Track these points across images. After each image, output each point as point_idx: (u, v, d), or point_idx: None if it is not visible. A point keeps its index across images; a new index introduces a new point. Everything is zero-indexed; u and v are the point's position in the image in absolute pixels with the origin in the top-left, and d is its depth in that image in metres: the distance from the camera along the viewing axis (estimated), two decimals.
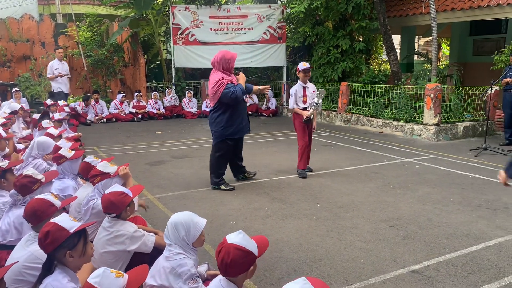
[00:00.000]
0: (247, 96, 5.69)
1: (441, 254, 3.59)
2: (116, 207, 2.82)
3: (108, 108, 12.38)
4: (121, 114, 12.24)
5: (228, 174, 5.78)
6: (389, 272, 3.30)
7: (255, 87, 5.58)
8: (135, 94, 12.81)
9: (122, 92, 12.98)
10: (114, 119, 12.16)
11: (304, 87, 6.10)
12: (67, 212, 3.56)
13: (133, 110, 12.47)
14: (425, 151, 7.76)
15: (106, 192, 2.89)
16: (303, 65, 6.07)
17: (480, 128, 9.34)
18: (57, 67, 10.79)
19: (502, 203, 4.91)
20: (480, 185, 5.61)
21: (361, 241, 3.88)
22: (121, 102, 12.40)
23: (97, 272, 1.93)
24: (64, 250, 2.16)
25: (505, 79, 8.02)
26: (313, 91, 6.18)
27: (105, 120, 12.03)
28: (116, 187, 2.92)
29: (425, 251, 3.65)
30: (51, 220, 2.20)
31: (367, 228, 4.19)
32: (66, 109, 9.26)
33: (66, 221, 2.25)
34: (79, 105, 11.79)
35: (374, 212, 4.65)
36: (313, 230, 4.15)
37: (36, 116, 7.20)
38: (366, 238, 3.94)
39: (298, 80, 6.13)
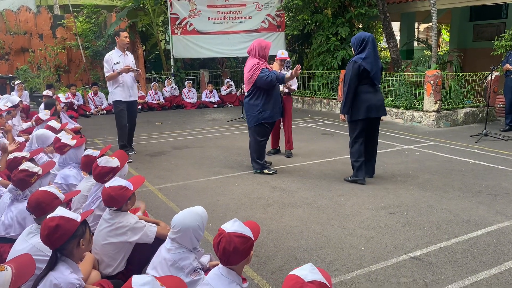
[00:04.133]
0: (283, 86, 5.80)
1: (441, 241, 3.61)
2: (117, 201, 2.83)
3: (107, 99, 12.35)
4: None
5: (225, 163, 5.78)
6: (390, 259, 3.31)
7: (287, 74, 5.54)
8: None
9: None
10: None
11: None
12: (70, 208, 3.58)
13: None
14: (425, 138, 7.75)
15: (107, 185, 2.90)
16: (281, 53, 6.31)
17: (480, 114, 9.32)
18: (117, 60, 6.37)
19: (502, 188, 4.91)
20: (481, 171, 5.61)
21: (361, 228, 3.90)
22: None
23: None
24: (76, 240, 2.22)
25: (506, 65, 7.97)
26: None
27: (104, 112, 12.03)
28: (117, 181, 2.92)
29: (426, 238, 3.67)
30: (53, 215, 2.21)
31: (368, 215, 4.21)
32: (63, 100, 9.22)
33: (68, 213, 2.28)
34: (68, 96, 11.56)
35: (375, 199, 4.66)
36: (314, 218, 4.16)
37: (41, 113, 6.80)
38: (367, 226, 3.95)
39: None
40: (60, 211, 2.27)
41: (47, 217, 2.22)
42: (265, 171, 5.70)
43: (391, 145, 7.25)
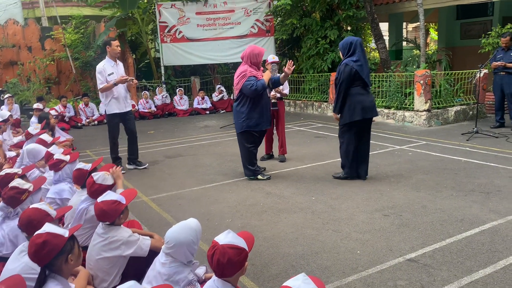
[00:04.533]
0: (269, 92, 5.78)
1: (436, 241, 3.62)
2: (109, 216, 2.81)
3: (98, 110, 12.31)
4: None
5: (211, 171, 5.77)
6: (386, 261, 3.32)
7: (281, 76, 5.56)
8: None
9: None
10: (105, 121, 12.06)
11: None
12: (63, 223, 3.56)
13: None
14: (417, 138, 7.79)
15: (99, 200, 2.88)
16: (272, 58, 6.36)
17: (471, 112, 9.39)
18: (111, 71, 6.16)
19: (494, 186, 4.95)
20: (473, 169, 5.65)
21: (356, 232, 3.90)
22: None
23: None
24: (64, 255, 2.20)
25: (495, 63, 8.04)
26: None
27: (96, 122, 11.97)
28: (109, 195, 2.90)
29: (421, 239, 3.68)
30: (40, 232, 2.20)
31: (362, 218, 4.21)
32: (53, 113, 9.16)
33: (55, 228, 2.27)
34: (59, 108, 11.48)
35: (369, 201, 4.67)
36: (309, 223, 4.16)
37: (31, 128, 6.70)
38: (362, 229, 3.96)
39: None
40: (47, 227, 2.25)
41: (34, 234, 2.21)
42: (259, 177, 5.70)
43: (384, 146, 7.27)
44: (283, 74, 5.49)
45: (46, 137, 5.54)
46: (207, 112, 13.09)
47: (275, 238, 3.85)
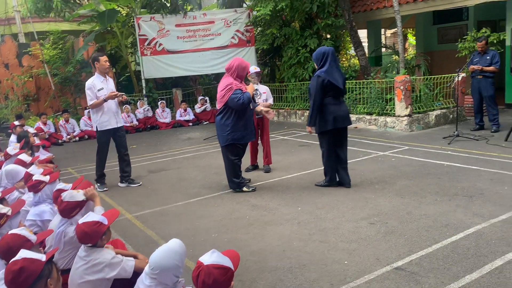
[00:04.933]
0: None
1: (422, 248, 3.63)
2: (91, 238, 2.74)
3: (79, 126, 12.14)
4: (94, 130, 12.01)
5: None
6: (373, 271, 3.31)
7: (258, 107, 5.69)
8: None
9: (88, 108, 12.72)
10: (86, 137, 11.93)
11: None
12: (44, 246, 3.45)
13: None
14: (400, 143, 7.86)
15: (80, 221, 2.81)
16: (253, 69, 6.46)
17: (451, 115, 9.53)
18: (100, 86, 6.03)
19: (477, 189, 5.00)
20: (455, 173, 5.71)
21: (343, 241, 3.89)
22: (90, 118, 12.17)
23: None
24: (43, 280, 2.14)
25: (472, 66, 8.19)
26: (264, 92, 6.63)
27: (77, 138, 11.80)
28: (90, 216, 2.83)
29: (407, 246, 3.68)
30: (16, 258, 2.14)
31: (349, 227, 4.21)
32: (31, 130, 8.99)
33: (32, 253, 2.21)
34: (39, 125, 11.27)
35: (354, 210, 4.67)
36: (295, 235, 4.14)
37: (9, 148, 6.53)
38: (348, 238, 3.95)
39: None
40: (23, 253, 2.20)
41: (10, 261, 2.14)
42: (244, 188, 5.66)
43: (367, 153, 7.32)
44: (259, 108, 5.65)
45: (24, 157, 5.40)
46: (190, 124, 13.02)
47: (262, 252, 3.81)
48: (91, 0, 13.82)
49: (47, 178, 4.05)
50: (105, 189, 6.31)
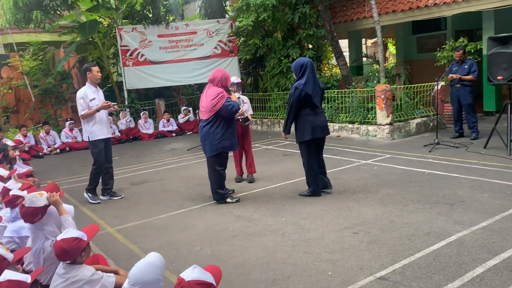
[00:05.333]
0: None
1: (405, 257, 3.65)
2: (70, 255, 2.69)
3: (60, 138, 11.95)
4: (74, 142, 11.86)
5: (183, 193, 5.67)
6: (357, 281, 3.31)
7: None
8: None
9: (70, 119, 12.56)
10: (68, 149, 11.75)
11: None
12: (22, 263, 3.37)
13: None
14: (382, 151, 7.94)
15: (58, 238, 2.75)
16: (235, 79, 6.58)
17: (431, 123, 9.68)
18: (93, 96, 6.01)
19: (458, 197, 5.07)
20: (436, 181, 5.78)
21: (327, 252, 3.89)
22: (71, 129, 12.02)
23: None
24: None
25: (450, 75, 8.34)
26: (245, 102, 6.78)
27: (58, 151, 11.60)
28: (69, 232, 2.78)
29: (390, 256, 3.70)
30: (0, 281, 2.07)
31: (332, 237, 4.21)
32: (10, 143, 8.81)
33: (16, 275, 2.15)
34: (19, 137, 11.06)
35: (338, 219, 4.68)
36: (279, 246, 4.12)
37: None
38: (332, 248, 3.95)
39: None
40: (7, 275, 2.13)
41: None
42: (228, 200, 5.63)
43: (350, 161, 7.37)
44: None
45: (1, 171, 5.29)
46: (173, 134, 12.94)
47: (246, 264, 3.78)
48: (72, 11, 13.72)
49: (25, 193, 3.97)
50: (98, 201, 6.21)
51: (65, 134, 12.00)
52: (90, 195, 6.26)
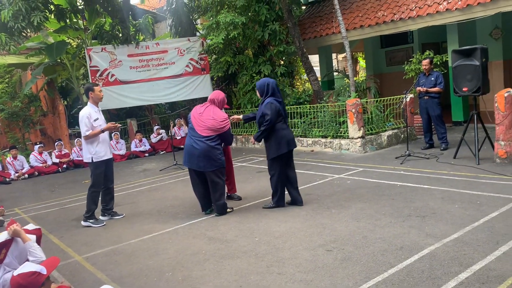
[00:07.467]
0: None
1: (378, 273, 3.61)
2: None
3: (28, 162, 11.60)
4: (44, 166, 11.52)
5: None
6: None
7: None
8: (56, 143, 12.13)
9: (39, 143, 12.22)
10: (37, 173, 11.40)
11: None
12: None
13: (57, 160, 11.78)
14: (355, 165, 7.98)
15: (15, 273, 2.60)
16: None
17: (402, 135, 9.81)
18: (96, 116, 5.97)
19: (429, 209, 5.10)
20: (408, 193, 5.82)
21: (300, 272, 3.82)
22: (40, 153, 11.68)
23: None
24: None
25: (418, 88, 8.50)
26: None
27: (26, 175, 11.24)
28: (27, 266, 2.64)
29: (364, 273, 3.66)
30: None
31: (306, 256, 4.15)
32: None
33: None
34: None
35: (312, 237, 4.63)
36: (252, 268, 4.03)
37: None
38: (306, 268, 3.89)
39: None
40: None
41: None
42: (228, 210, 5.90)
43: (324, 176, 7.36)
44: None
45: None
46: (146, 154, 12.74)
47: None
48: (40, 33, 13.47)
49: None
50: (103, 223, 6.03)
51: (34, 158, 11.64)
52: (91, 221, 6.03)
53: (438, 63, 9.85)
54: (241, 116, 6.28)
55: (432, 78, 8.37)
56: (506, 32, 10.81)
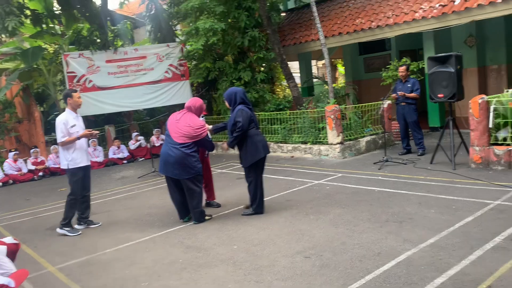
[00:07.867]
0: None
1: (356, 280, 3.61)
2: None
3: (2, 170, 11.30)
4: (19, 174, 11.24)
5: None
6: None
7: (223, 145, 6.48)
8: (31, 150, 11.86)
9: (14, 150, 11.93)
10: (11, 181, 11.12)
11: None
12: None
13: (33, 168, 11.52)
14: (334, 170, 8.02)
15: None
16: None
17: (380, 141, 9.92)
18: (73, 123, 5.87)
19: (406, 214, 5.14)
20: (386, 198, 5.86)
21: (278, 279, 3.79)
22: (15, 160, 11.40)
23: None
24: None
25: (394, 95, 8.62)
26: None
27: (0, 184, 10.95)
28: None
29: (342, 279, 3.65)
30: None
31: (284, 263, 4.13)
32: None
33: None
34: None
35: (290, 244, 4.61)
36: (230, 276, 3.99)
37: None
38: (284, 276, 3.86)
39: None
40: None
41: None
42: (206, 217, 5.85)
43: (303, 182, 7.37)
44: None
45: None
46: (125, 161, 12.56)
47: None
48: (15, 38, 13.20)
49: None
50: (79, 232, 5.91)
51: (9, 166, 11.35)
52: (67, 229, 5.90)
53: (415, 70, 10.02)
54: (210, 127, 6.11)
55: (409, 85, 8.49)
56: (480, 40, 11.08)
